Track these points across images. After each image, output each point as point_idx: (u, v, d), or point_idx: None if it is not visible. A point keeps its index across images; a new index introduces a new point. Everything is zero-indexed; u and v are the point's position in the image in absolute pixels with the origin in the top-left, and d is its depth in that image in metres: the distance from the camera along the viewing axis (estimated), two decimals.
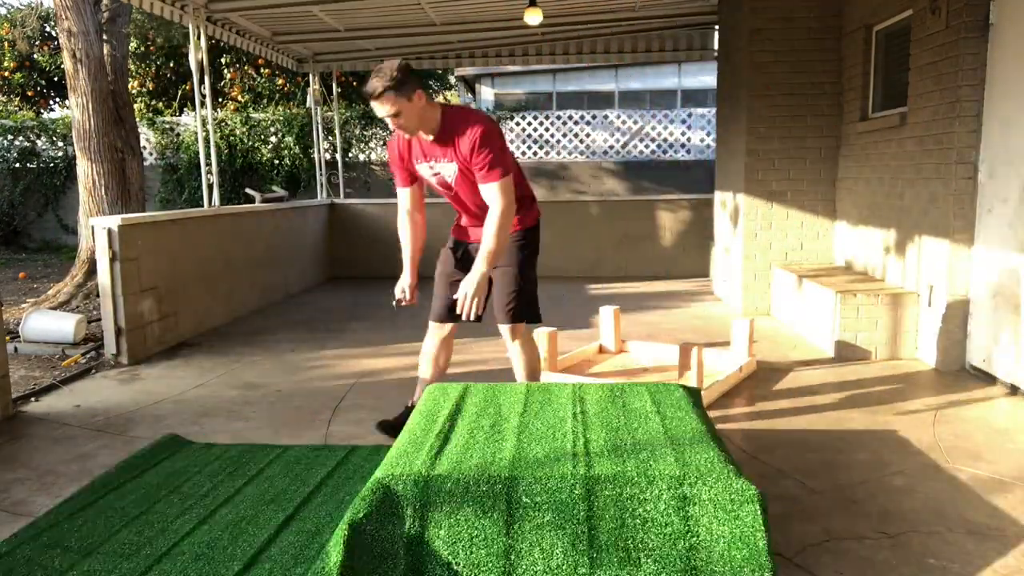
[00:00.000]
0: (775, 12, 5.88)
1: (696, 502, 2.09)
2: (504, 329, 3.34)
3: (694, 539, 2.07)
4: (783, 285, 5.86)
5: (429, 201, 3.54)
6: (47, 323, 5.21)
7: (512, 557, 2.08)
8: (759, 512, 2.05)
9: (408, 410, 3.53)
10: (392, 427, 3.45)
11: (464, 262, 3.30)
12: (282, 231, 7.49)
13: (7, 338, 4.92)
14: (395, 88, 2.88)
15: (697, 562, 2.04)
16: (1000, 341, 4.05)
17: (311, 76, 9.07)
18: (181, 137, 12.37)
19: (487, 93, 17.75)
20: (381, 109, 2.93)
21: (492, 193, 3.02)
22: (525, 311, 3.32)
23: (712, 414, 3.61)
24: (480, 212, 3.19)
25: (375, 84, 2.88)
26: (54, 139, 12.46)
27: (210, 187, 6.36)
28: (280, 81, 13.26)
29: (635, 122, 12.39)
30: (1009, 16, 3.97)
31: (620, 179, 12.46)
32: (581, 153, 12.50)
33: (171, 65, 13.67)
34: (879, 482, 2.85)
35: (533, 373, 3.45)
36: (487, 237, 3.00)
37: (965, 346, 4.35)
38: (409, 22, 7.40)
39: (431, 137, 3.08)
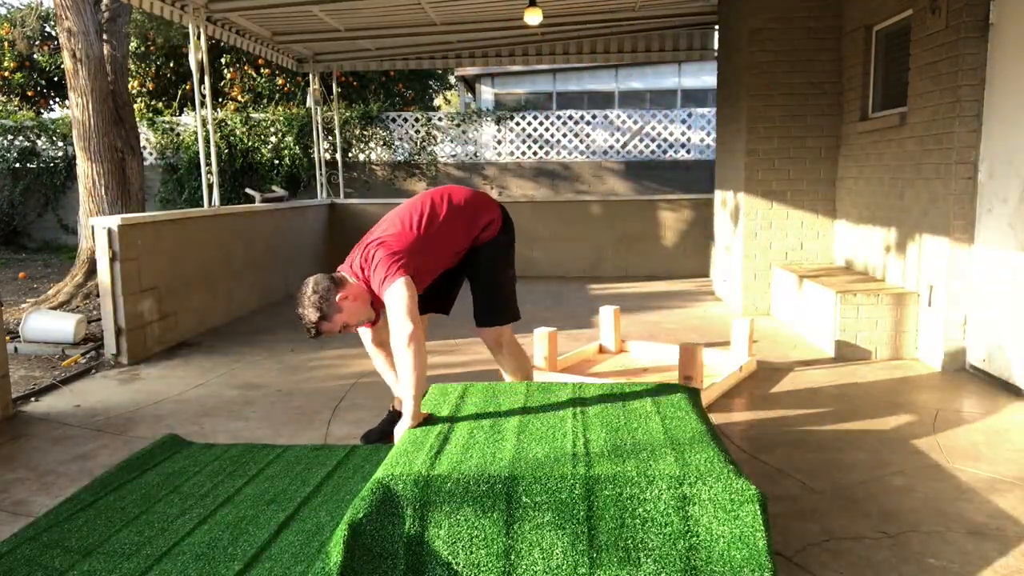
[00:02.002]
0: (775, 12, 5.88)
1: (696, 502, 2.09)
2: (486, 336, 3.23)
3: (694, 539, 2.07)
4: (783, 285, 5.86)
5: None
6: (47, 323, 5.21)
7: (512, 557, 2.08)
8: (759, 512, 2.05)
9: (392, 413, 3.40)
10: (377, 434, 3.37)
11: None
12: (282, 231, 7.49)
13: (7, 338, 4.92)
14: (323, 319, 2.81)
15: (697, 562, 2.05)
16: (1000, 341, 4.05)
17: (311, 76, 9.07)
18: (181, 137, 12.37)
19: (487, 93, 17.76)
20: (332, 333, 2.88)
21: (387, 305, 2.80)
22: (503, 314, 3.22)
23: (712, 414, 3.61)
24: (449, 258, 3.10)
25: (307, 327, 2.83)
26: (54, 139, 12.46)
27: (210, 187, 6.36)
28: (280, 81, 13.26)
29: (635, 122, 12.39)
30: (1009, 16, 3.97)
31: (621, 178, 12.46)
32: (581, 153, 12.50)
33: (171, 65, 13.67)
34: (879, 482, 2.85)
35: (527, 380, 3.36)
36: (403, 376, 2.69)
37: (965, 346, 4.35)
38: (409, 22, 7.40)
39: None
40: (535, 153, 12.54)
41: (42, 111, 14.23)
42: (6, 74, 13.72)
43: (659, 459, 2.22)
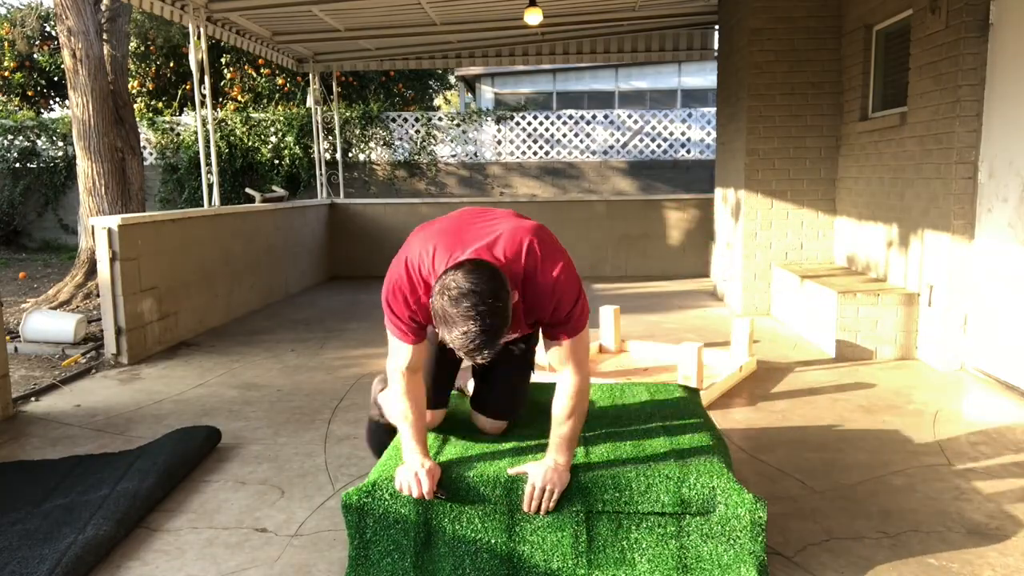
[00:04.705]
0: (775, 12, 5.87)
1: (693, 503, 2.09)
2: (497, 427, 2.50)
3: (685, 538, 2.08)
4: (783, 285, 5.86)
5: (412, 201, 3.49)
6: (47, 323, 5.21)
7: (513, 559, 2.08)
8: (754, 515, 2.05)
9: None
10: None
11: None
12: (282, 231, 7.49)
13: (7, 338, 4.92)
14: (504, 326, 1.94)
15: (688, 560, 2.06)
16: (1000, 341, 4.05)
17: (311, 76, 9.07)
18: (181, 137, 12.36)
19: (487, 93, 17.76)
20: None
21: (567, 355, 2.18)
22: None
23: (712, 414, 3.60)
24: None
25: (490, 346, 1.92)
26: (54, 139, 12.46)
27: (210, 187, 6.36)
28: (280, 81, 13.25)
29: (635, 122, 12.39)
30: (1009, 16, 3.97)
31: (625, 177, 12.47)
32: (582, 152, 12.50)
33: (171, 65, 13.66)
34: (879, 482, 2.85)
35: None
36: (570, 423, 2.15)
37: (965, 346, 4.35)
38: (409, 22, 7.40)
39: None
40: (535, 153, 12.53)
41: (42, 111, 14.23)
42: (6, 74, 13.71)
43: (658, 460, 2.22)
